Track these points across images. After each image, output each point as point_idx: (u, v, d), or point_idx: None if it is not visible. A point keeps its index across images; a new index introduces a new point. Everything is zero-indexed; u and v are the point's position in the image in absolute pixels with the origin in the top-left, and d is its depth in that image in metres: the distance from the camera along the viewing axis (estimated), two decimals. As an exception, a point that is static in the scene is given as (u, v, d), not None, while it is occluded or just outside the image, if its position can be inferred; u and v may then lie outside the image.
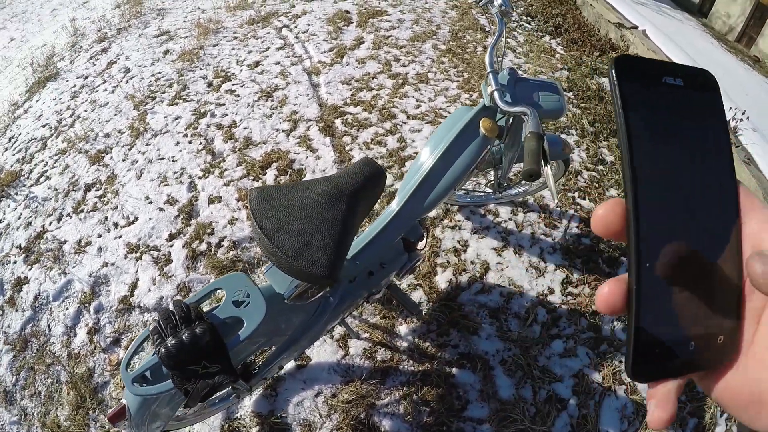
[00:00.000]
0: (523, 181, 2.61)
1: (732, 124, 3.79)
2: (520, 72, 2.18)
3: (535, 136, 1.57)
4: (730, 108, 3.89)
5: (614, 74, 0.41)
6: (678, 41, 4.97)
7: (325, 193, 1.56)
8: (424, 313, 2.69)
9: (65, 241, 3.28)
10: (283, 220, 1.50)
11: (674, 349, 0.41)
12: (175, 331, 1.43)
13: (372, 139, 3.73)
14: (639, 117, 0.41)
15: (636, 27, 5.20)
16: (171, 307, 1.49)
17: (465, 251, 2.98)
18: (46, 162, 4.01)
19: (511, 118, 2.02)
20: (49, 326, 2.85)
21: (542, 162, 1.54)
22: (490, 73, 1.92)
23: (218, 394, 2.22)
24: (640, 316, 0.40)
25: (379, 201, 3.12)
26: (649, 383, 0.43)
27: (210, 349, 1.43)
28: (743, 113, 3.81)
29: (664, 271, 0.40)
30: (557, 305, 2.75)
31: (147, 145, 3.91)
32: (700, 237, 0.41)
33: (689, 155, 0.42)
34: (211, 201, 3.35)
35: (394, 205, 1.95)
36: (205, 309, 1.56)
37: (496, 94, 1.86)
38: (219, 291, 1.61)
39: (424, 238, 2.22)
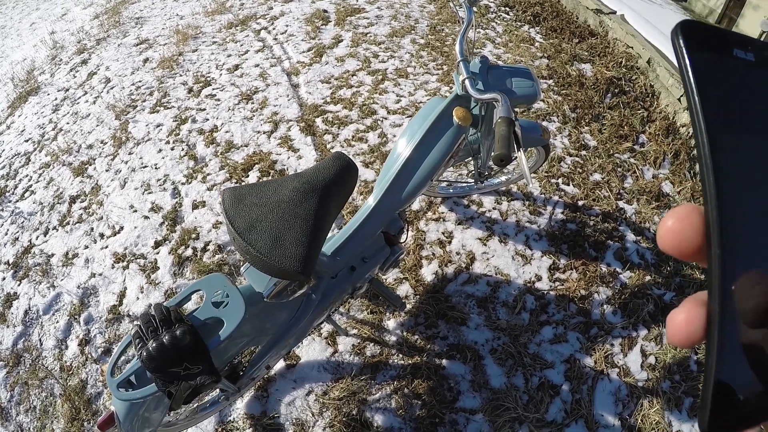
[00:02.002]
0: (495, 167, 2.60)
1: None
2: (492, 59, 2.18)
3: (506, 121, 1.57)
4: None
5: (682, 44, 0.35)
6: (658, 25, 4.98)
7: (296, 189, 1.56)
8: (411, 306, 2.69)
9: (53, 255, 3.27)
10: (256, 218, 1.50)
11: (757, 393, 0.33)
12: (155, 335, 1.43)
13: (353, 136, 3.73)
14: (716, 98, 0.34)
15: (614, 12, 5.21)
16: (152, 311, 1.49)
17: (450, 242, 2.99)
18: (31, 176, 4.00)
19: (486, 106, 2.02)
20: (40, 340, 2.84)
21: (514, 147, 1.55)
22: (461, 62, 1.93)
23: (208, 397, 2.23)
24: (723, 352, 0.33)
25: (360, 195, 3.14)
26: None
27: (191, 351, 1.43)
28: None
29: (751, 292, 0.32)
30: (545, 292, 2.76)
31: (130, 154, 3.91)
32: None
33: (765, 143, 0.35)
34: (195, 206, 3.35)
35: (372, 199, 1.96)
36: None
37: (467, 82, 1.86)
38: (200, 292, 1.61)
39: (405, 231, 2.23)
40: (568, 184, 3.32)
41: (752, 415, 0.33)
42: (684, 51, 0.34)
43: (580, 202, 3.20)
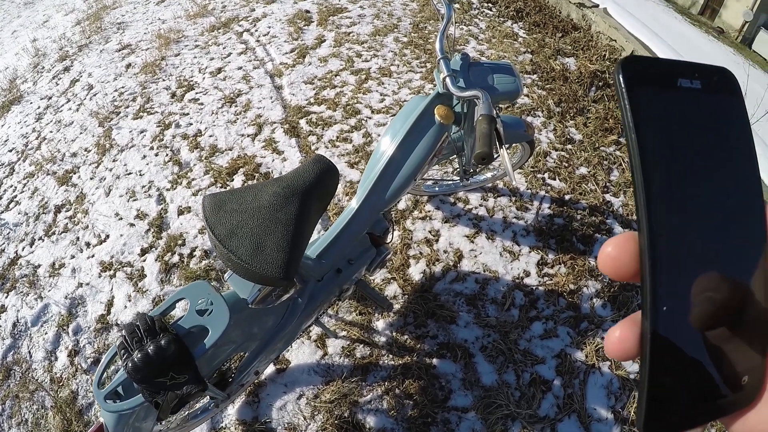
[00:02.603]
0: (478, 165, 2.60)
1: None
2: (473, 55, 2.17)
3: (487, 119, 1.56)
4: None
5: (622, 80, 0.36)
6: (640, 17, 5.03)
7: (276, 194, 1.55)
8: (399, 306, 2.69)
9: (39, 265, 3.25)
10: (237, 225, 1.49)
11: (693, 397, 0.36)
12: (140, 345, 1.41)
13: (337, 137, 3.72)
14: (654, 131, 0.35)
15: (597, 5, 5.22)
16: (136, 321, 1.48)
17: (437, 241, 2.98)
18: (15, 187, 3.97)
19: (468, 104, 2.01)
20: (30, 352, 2.82)
21: (496, 144, 1.54)
22: (442, 60, 1.92)
23: (199, 405, 2.22)
24: (655, 365, 0.35)
25: (346, 195, 3.13)
26: None
27: (176, 360, 1.42)
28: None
29: (684, 313, 0.35)
30: (534, 287, 2.76)
31: (114, 161, 3.88)
32: (724, 270, 0.36)
33: (711, 175, 0.37)
34: (180, 212, 3.33)
35: (355, 201, 1.95)
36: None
37: (448, 80, 1.85)
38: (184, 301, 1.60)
39: (391, 232, 2.22)
40: (555, 179, 3.32)
41: (696, 417, 0.36)
42: (623, 88, 0.35)
43: (567, 197, 3.21)
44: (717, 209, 0.36)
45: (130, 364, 1.38)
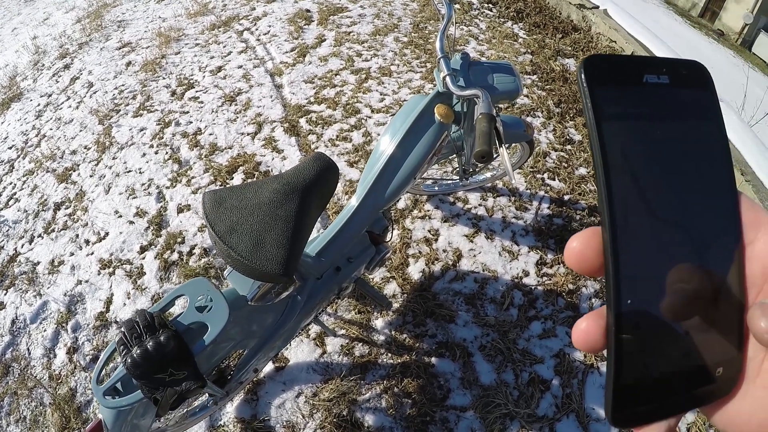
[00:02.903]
0: (479, 164, 2.60)
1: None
2: (473, 56, 2.17)
3: (487, 117, 1.56)
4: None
5: (584, 79, 0.36)
6: (641, 19, 5.01)
7: (276, 191, 1.55)
8: (398, 304, 2.69)
9: (38, 263, 3.25)
10: (236, 221, 1.49)
11: (663, 388, 0.36)
12: (140, 341, 1.42)
13: (337, 136, 3.72)
14: (617, 129, 0.35)
15: (597, 7, 5.23)
16: (135, 317, 1.48)
17: (436, 240, 2.98)
18: (15, 184, 3.97)
19: (468, 103, 2.01)
20: (28, 349, 2.82)
21: (496, 143, 1.54)
22: (442, 59, 1.92)
23: (197, 402, 2.22)
24: (622, 358, 0.35)
25: (346, 194, 3.13)
26: (635, 429, 0.38)
27: (175, 356, 1.42)
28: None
29: (653, 305, 0.35)
30: (533, 287, 2.77)
31: (113, 159, 3.88)
32: (696, 262, 0.36)
33: (679, 169, 0.37)
34: (180, 210, 3.33)
35: (355, 199, 1.95)
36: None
37: (448, 79, 1.86)
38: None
39: (390, 230, 2.22)
40: (554, 179, 3.33)
41: (666, 409, 0.37)
42: (585, 87, 0.35)
43: (566, 197, 3.21)
44: (687, 203, 0.37)
45: (129, 360, 1.38)
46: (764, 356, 0.36)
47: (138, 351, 1.38)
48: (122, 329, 1.45)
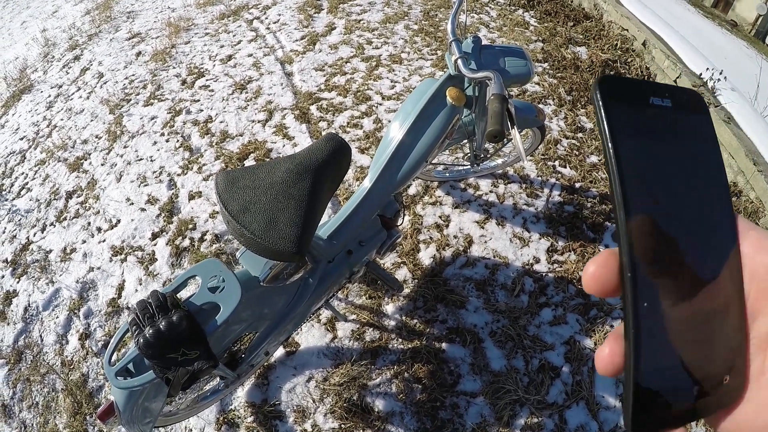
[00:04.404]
0: (491, 149, 2.59)
1: (710, 84, 3.79)
2: (484, 39, 2.16)
3: (499, 98, 1.56)
4: (707, 69, 3.89)
5: (599, 96, 0.38)
6: (653, 8, 4.96)
7: (289, 171, 1.55)
8: (409, 290, 2.69)
9: (50, 251, 3.27)
10: (250, 201, 1.49)
11: (677, 398, 0.38)
12: (152, 321, 1.42)
13: (348, 122, 3.72)
14: (630, 144, 0.37)
15: (608, -7, 5.18)
16: (148, 298, 1.48)
17: (447, 226, 2.98)
18: (27, 174, 3.99)
19: (479, 86, 2.00)
20: (41, 336, 2.84)
21: (508, 123, 1.54)
22: (453, 42, 1.91)
23: (208, 386, 2.23)
24: (640, 371, 0.36)
25: (357, 180, 3.13)
26: None
27: (187, 336, 1.42)
28: (720, 73, 3.81)
29: (664, 322, 0.37)
30: (544, 274, 2.76)
31: (125, 147, 3.89)
32: (699, 276, 0.38)
33: (682, 184, 0.39)
34: (191, 197, 3.34)
35: (367, 182, 1.95)
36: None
37: (460, 62, 1.85)
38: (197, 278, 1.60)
39: (402, 215, 2.22)
40: (565, 167, 3.31)
41: (679, 417, 0.38)
42: (600, 104, 0.38)
43: (578, 184, 3.19)
44: (689, 219, 0.38)
45: (141, 340, 1.38)
46: (764, 357, 0.38)
47: (150, 331, 1.39)
48: (135, 309, 1.46)
